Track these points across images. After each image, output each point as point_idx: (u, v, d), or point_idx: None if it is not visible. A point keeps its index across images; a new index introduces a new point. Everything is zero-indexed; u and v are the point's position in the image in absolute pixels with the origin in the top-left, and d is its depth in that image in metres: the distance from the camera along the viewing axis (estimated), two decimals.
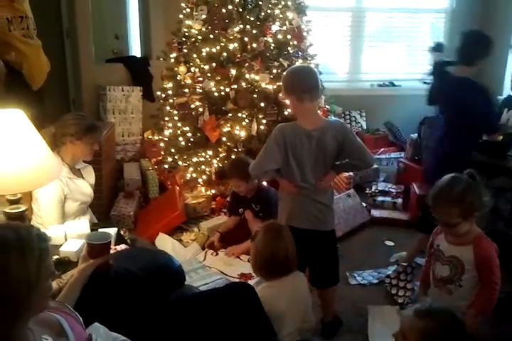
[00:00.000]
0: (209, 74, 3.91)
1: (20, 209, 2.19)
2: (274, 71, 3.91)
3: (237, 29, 3.84)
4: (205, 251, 3.49)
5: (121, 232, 2.57)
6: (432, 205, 2.15)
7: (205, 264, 3.25)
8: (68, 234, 2.44)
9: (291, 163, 2.43)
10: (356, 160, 2.53)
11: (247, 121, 3.84)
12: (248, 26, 3.85)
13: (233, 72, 3.84)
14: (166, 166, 4.29)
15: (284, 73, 2.60)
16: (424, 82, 4.34)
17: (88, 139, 2.74)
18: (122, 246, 2.37)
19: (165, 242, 3.51)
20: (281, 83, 3.87)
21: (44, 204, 2.67)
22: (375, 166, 4.71)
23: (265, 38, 3.89)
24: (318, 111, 2.68)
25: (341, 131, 2.47)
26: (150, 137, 4.74)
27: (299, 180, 2.46)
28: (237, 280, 3.08)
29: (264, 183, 3.62)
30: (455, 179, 2.14)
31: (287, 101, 3.90)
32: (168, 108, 4.22)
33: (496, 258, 2.16)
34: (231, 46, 3.85)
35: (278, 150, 2.40)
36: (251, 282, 2.72)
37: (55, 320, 1.24)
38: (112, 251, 2.14)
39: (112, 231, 2.42)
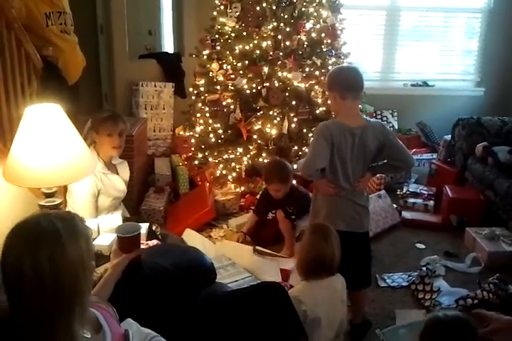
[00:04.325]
0: (241, 72, 3.91)
1: (56, 202, 2.23)
2: (307, 69, 3.90)
3: (270, 27, 3.84)
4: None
5: (153, 227, 2.57)
6: None
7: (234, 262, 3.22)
8: (101, 228, 2.46)
9: (336, 162, 2.39)
10: (398, 161, 2.50)
11: (278, 119, 3.83)
12: (282, 24, 3.83)
13: (266, 69, 3.83)
14: (197, 162, 4.30)
15: (331, 70, 2.59)
16: None
17: (103, 131, 2.73)
18: (154, 242, 2.38)
19: (193, 238, 3.50)
20: (313, 81, 3.93)
21: (78, 198, 2.70)
22: None
23: (299, 36, 3.87)
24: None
25: (382, 131, 2.45)
26: (181, 133, 4.77)
27: (341, 180, 2.43)
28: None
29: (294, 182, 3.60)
30: None
31: (319, 100, 3.94)
32: (199, 104, 4.23)
33: None
34: (264, 44, 3.84)
35: (326, 146, 2.35)
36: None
37: (93, 315, 1.25)
38: (144, 247, 2.15)
39: (144, 226, 2.43)
